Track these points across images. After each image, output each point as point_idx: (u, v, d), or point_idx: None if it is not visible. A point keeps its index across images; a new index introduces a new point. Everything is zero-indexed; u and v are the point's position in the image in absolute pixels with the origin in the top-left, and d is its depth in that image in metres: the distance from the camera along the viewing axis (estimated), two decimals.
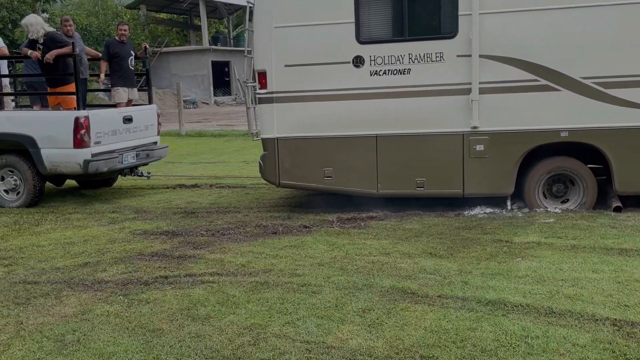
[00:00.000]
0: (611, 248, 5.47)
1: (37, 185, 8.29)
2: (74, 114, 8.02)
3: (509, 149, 6.87)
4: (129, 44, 9.35)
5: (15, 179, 8.34)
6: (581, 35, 6.56)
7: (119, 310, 4.47)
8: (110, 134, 8.41)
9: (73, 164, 8.05)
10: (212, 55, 33.76)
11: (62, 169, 8.21)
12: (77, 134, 7.92)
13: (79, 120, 7.91)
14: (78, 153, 7.96)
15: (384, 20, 7.16)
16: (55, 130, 8.08)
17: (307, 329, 4.02)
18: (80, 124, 7.91)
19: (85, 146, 7.99)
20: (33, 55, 8.35)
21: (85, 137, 7.95)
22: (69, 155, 8.01)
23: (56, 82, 8.71)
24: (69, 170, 8.27)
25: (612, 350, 3.56)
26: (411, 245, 5.91)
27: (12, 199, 8.37)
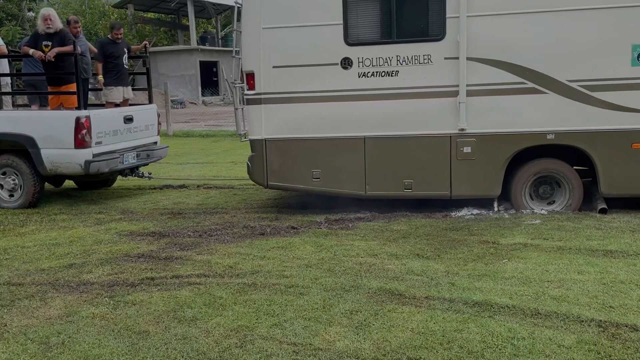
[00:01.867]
0: (596, 250, 5.52)
1: (36, 186, 8.19)
2: (75, 114, 7.93)
3: (496, 151, 6.91)
4: (123, 43, 9.31)
5: (15, 180, 8.23)
6: (567, 38, 6.61)
7: (104, 312, 4.43)
8: (111, 134, 8.34)
9: (74, 164, 7.96)
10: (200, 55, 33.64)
11: (62, 169, 8.12)
12: (78, 134, 7.83)
13: (80, 120, 7.83)
14: (79, 153, 7.88)
15: (372, 22, 7.17)
16: (56, 130, 7.99)
17: (295, 330, 4.01)
18: (81, 124, 7.82)
19: (86, 146, 7.91)
20: (37, 55, 8.25)
21: (86, 138, 7.88)
22: (70, 156, 7.92)
23: (58, 82, 8.59)
24: (69, 171, 8.18)
25: (597, 352, 3.59)
26: (399, 246, 5.92)
27: (10, 199, 8.26)
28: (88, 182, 9.56)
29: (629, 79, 6.53)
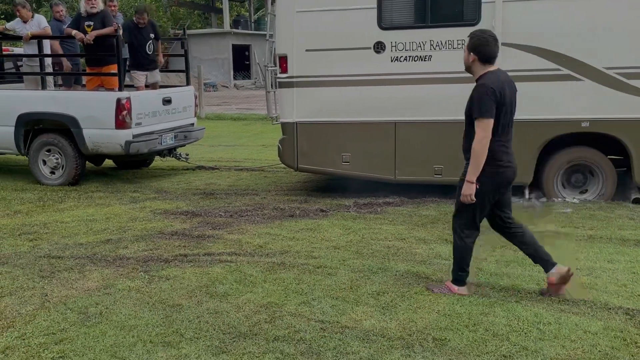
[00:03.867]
0: (628, 239, 5.47)
1: (78, 164, 8.40)
2: (116, 95, 8.10)
3: (529, 138, 6.84)
4: (148, 28, 9.18)
5: (58, 159, 8.47)
6: (605, 25, 6.50)
7: (139, 286, 4.59)
8: (150, 115, 8.49)
9: (114, 144, 8.14)
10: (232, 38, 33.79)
11: (103, 149, 8.32)
12: (119, 115, 8.01)
13: (121, 102, 8.00)
14: (119, 134, 8.05)
15: (406, 6, 7.15)
16: (97, 111, 8.16)
17: (322, 309, 4.10)
18: (122, 105, 8.00)
19: (126, 127, 8.08)
20: (79, 37, 8.46)
21: (127, 118, 8.05)
22: (111, 136, 8.10)
23: (99, 62, 8.77)
24: (110, 151, 8.38)
25: (623, 338, 3.60)
26: (427, 231, 5.96)
27: (52, 177, 8.52)
28: (127, 162, 9.79)
29: None
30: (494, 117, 3.99)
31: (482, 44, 4.09)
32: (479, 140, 4.00)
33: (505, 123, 4.09)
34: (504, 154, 4.12)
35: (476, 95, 4.06)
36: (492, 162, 4.06)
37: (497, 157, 4.08)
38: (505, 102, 4.04)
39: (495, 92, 3.98)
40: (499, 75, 4.10)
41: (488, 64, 4.12)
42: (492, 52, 4.10)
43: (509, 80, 4.16)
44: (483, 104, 3.98)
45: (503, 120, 4.06)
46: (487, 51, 4.09)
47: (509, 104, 4.07)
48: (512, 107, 4.14)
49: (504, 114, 4.05)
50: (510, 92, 4.12)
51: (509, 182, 4.22)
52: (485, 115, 3.98)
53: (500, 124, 4.06)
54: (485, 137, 3.99)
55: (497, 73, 4.12)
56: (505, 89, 4.04)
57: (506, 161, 4.13)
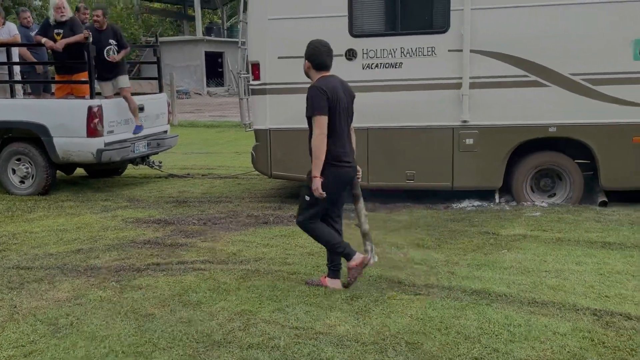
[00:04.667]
0: (595, 241, 5.60)
1: (48, 173, 8.26)
2: (87, 103, 8.00)
3: (498, 143, 6.97)
4: (108, 33, 8.49)
5: (28, 168, 8.31)
6: (570, 32, 6.66)
7: (111, 296, 4.54)
8: (122, 123, 8.40)
9: (86, 152, 8.03)
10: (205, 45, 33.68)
11: (74, 157, 8.19)
12: (91, 123, 7.90)
13: (93, 109, 7.90)
14: (91, 142, 7.95)
15: (377, 14, 7.23)
16: (68, 119, 8.04)
17: (296, 315, 4.11)
18: (93, 113, 7.90)
19: (98, 135, 7.97)
20: (49, 45, 8.32)
21: (98, 126, 7.95)
22: (82, 144, 7.99)
23: (69, 70, 8.60)
24: (81, 159, 8.26)
25: (591, 339, 3.68)
26: (400, 236, 6.00)
27: (21, 186, 8.36)
28: (99, 171, 9.67)
29: (630, 73, 6.58)
30: (327, 114, 4.22)
31: (315, 53, 4.36)
32: (316, 136, 4.24)
33: (340, 125, 4.32)
34: (342, 154, 4.36)
35: (308, 95, 4.30)
36: (333, 162, 4.31)
37: (337, 157, 4.34)
38: (339, 105, 4.28)
39: (327, 92, 4.22)
40: (332, 80, 4.35)
41: (322, 70, 4.39)
42: (324, 61, 4.37)
43: (345, 86, 4.44)
44: (315, 102, 4.23)
45: (337, 122, 4.29)
46: (319, 60, 4.36)
47: (343, 108, 4.32)
48: (347, 111, 4.39)
49: (338, 117, 4.29)
50: (346, 97, 4.37)
51: (350, 181, 4.49)
52: (318, 112, 4.22)
53: (334, 125, 4.28)
54: (322, 133, 4.22)
55: (331, 78, 4.37)
56: (338, 93, 4.28)
57: (345, 161, 4.38)
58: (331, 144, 4.27)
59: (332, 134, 4.27)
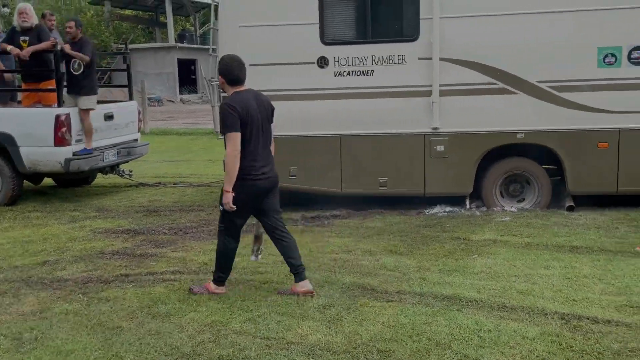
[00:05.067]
0: (563, 246, 5.68)
1: (15, 184, 8.07)
2: (55, 111, 7.85)
3: (468, 150, 7.04)
4: (78, 45, 8.13)
5: None
6: (536, 41, 6.77)
7: (78, 309, 4.45)
8: None
9: (54, 162, 7.88)
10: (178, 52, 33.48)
11: (42, 167, 8.03)
12: (58, 132, 7.75)
13: (60, 118, 7.76)
14: (59, 151, 7.80)
15: (348, 22, 7.27)
16: (35, 128, 7.88)
17: (268, 325, 4.08)
18: (61, 122, 7.75)
19: (66, 144, 7.83)
20: (14, 52, 8.13)
21: (66, 135, 7.80)
22: (50, 154, 7.83)
23: (37, 78, 8.41)
24: (49, 169, 8.10)
25: (559, 343, 3.72)
26: (373, 243, 6.03)
27: None
28: (67, 180, 9.50)
29: (594, 80, 6.72)
30: (239, 131, 4.31)
31: (227, 69, 4.45)
32: (228, 154, 4.35)
33: (252, 139, 4.40)
34: (253, 167, 4.43)
35: (220, 113, 4.42)
36: (242, 175, 4.38)
37: (248, 170, 4.40)
38: (251, 120, 4.35)
39: (237, 109, 4.30)
40: (245, 95, 4.43)
41: (236, 85, 4.46)
42: (236, 76, 4.44)
43: (261, 99, 4.51)
44: (226, 120, 4.32)
45: (249, 136, 4.37)
46: (232, 75, 4.44)
47: (256, 121, 4.39)
48: (262, 124, 4.46)
49: (250, 131, 4.37)
50: (261, 110, 4.45)
51: (264, 191, 4.55)
52: (229, 130, 4.31)
53: (248, 139, 4.37)
54: (234, 150, 4.32)
55: (244, 93, 4.45)
56: (250, 108, 4.36)
57: (257, 174, 4.46)
58: (242, 158, 4.37)
59: (243, 148, 4.37)
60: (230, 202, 4.36)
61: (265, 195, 4.57)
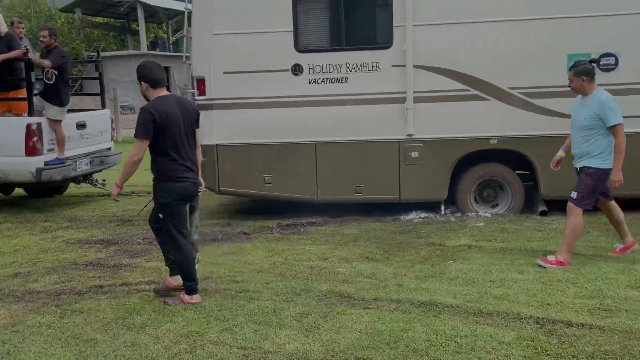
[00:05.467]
0: (536, 250, 5.76)
1: None
2: (26, 121, 7.71)
3: (442, 156, 7.11)
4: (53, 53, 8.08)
5: None
6: (508, 48, 6.88)
7: (51, 321, 4.37)
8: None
9: (25, 172, 7.74)
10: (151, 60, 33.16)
11: (12, 177, 7.87)
12: (29, 142, 7.62)
13: (31, 127, 7.62)
14: (30, 161, 7.67)
15: (322, 30, 7.30)
16: (6, 138, 7.73)
17: (245, 335, 4.05)
18: (32, 131, 7.61)
19: (37, 154, 7.70)
20: None
21: (37, 145, 7.66)
22: (20, 164, 7.68)
23: (6, 87, 8.23)
24: (20, 179, 7.95)
25: (535, 347, 3.76)
26: (349, 250, 6.03)
27: None
28: (39, 190, 9.32)
29: (565, 86, 6.81)
30: (149, 138, 4.41)
31: (148, 71, 4.53)
32: (131, 156, 4.45)
33: (173, 144, 4.48)
34: (178, 170, 4.52)
35: (138, 117, 4.47)
36: (169, 178, 4.50)
37: (172, 174, 4.51)
38: (172, 124, 4.44)
39: (154, 115, 4.38)
40: (167, 100, 4.51)
41: (158, 88, 4.54)
42: (157, 76, 4.54)
43: (184, 105, 4.62)
44: (139, 126, 4.41)
45: (171, 140, 4.46)
46: (153, 76, 4.52)
47: (177, 127, 4.48)
48: (185, 129, 4.54)
49: (171, 136, 4.46)
50: (183, 115, 4.54)
51: (191, 195, 4.65)
52: (138, 136, 4.42)
53: (170, 144, 4.46)
54: (137, 155, 4.42)
55: (166, 98, 4.53)
56: (171, 112, 4.44)
57: (182, 177, 4.54)
58: (164, 162, 4.47)
59: (164, 153, 4.46)
60: (115, 194, 4.59)
61: (191, 199, 4.66)
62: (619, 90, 6.76)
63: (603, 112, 5.13)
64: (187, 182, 4.56)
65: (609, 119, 5.11)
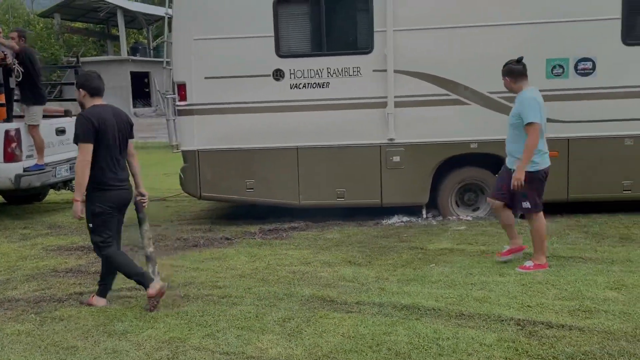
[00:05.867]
0: None
1: None
2: (4, 127, 7.61)
3: (424, 160, 7.16)
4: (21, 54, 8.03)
5: None
6: (487, 52, 6.96)
7: (30, 329, 4.31)
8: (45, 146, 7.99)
9: (4, 178, 7.64)
10: (131, 65, 32.96)
11: None
12: (8, 148, 7.53)
13: (10, 133, 7.52)
14: (9, 167, 7.59)
15: (303, 35, 7.31)
16: None
17: (227, 340, 4.03)
18: (10, 137, 7.52)
19: (16, 160, 7.61)
20: None
21: (16, 151, 7.57)
22: None
23: None
24: None
25: (516, 349, 3.79)
26: (331, 254, 6.04)
27: None
28: (18, 197, 9.19)
29: (543, 90, 6.85)
30: (92, 142, 4.47)
31: (87, 80, 4.67)
32: (79, 162, 4.50)
33: (108, 152, 4.57)
34: (113, 178, 4.60)
35: (76, 123, 4.57)
36: (100, 186, 4.55)
37: (104, 181, 4.56)
38: (107, 133, 4.53)
39: (92, 121, 4.48)
40: (103, 109, 4.62)
41: (96, 97, 4.66)
42: (97, 85, 4.66)
43: (120, 115, 4.73)
44: (80, 130, 4.49)
45: (106, 148, 4.55)
46: (93, 85, 4.65)
47: (113, 135, 4.58)
48: (119, 138, 4.64)
49: (106, 144, 4.54)
50: (119, 124, 4.64)
51: (126, 202, 4.73)
52: (82, 140, 4.48)
53: (105, 152, 4.55)
54: (84, 160, 4.46)
55: (102, 107, 4.65)
56: (106, 121, 4.55)
57: (119, 185, 4.63)
58: (98, 169, 4.51)
59: (99, 161, 4.51)
60: (79, 212, 4.49)
61: (125, 207, 4.73)
62: (596, 94, 6.92)
63: (522, 109, 5.13)
64: (120, 189, 4.64)
65: (524, 116, 5.09)
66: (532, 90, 5.25)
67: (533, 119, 5.06)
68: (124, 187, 4.67)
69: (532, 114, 5.07)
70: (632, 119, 6.91)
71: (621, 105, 6.90)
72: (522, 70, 5.28)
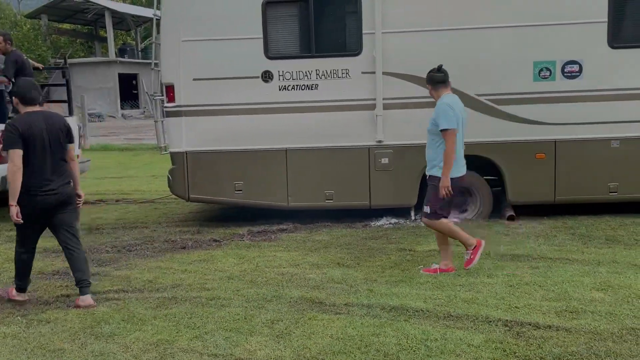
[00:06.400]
0: (504, 254, 5.84)
1: None
2: None
3: (412, 162, 7.17)
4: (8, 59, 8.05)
5: None
6: (475, 55, 7.00)
7: (16, 332, 4.27)
8: None
9: None
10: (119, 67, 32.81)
11: None
12: None
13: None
14: None
15: (292, 37, 7.31)
16: None
17: (215, 342, 4.02)
18: None
19: (2, 162, 7.50)
20: None
21: (2, 152, 7.47)
22: None
23: None
24: None
25: (503, 349, 3.81)
26: (320, 256, 6.04)
27: None
28: (4, 199, 9.08)
29: (531, 93, 7.00)
30: (20, 147, 4.59)
31: (23, 89, 4.82)
32: (9, 169, 4.61)
33: (36, 158, 4.67)
34: (38, 184, 4.68)
35: (4, 131, 4.69)
36: (26, 192, 4.64)
37: (33, 187, 4.66)
38: (35, 139, 4.64)
39: (19, 129, 4.60)
40: (33, 116, 4.73)
41: (30, 105, 4.78)
42: (31, 94, 4.79)
43: (52, 120, 4.80)
44: (7, 139, 4.60)
45: (34, 154, 4.65)
46: (28, 94, 4.78)
47: (41, 141, 4.67)
48: (51, 142, 4.72)
49: (34, 150, 4.65)
50: (50, 130, 4.72)
51: (51, 207, 4.77)
52: (8, 147, 4.59)
53: (33, 157, 4.65)
54: (14, 166, 4.58)
55: (33, 114, 4.74)
56: (35, 127, 4.65)
57: (44, 190, 4.70)
58: (25, 174, 4.59)
59: (28, 165, 4.61)
60: (14, 215, 4.58)
61: (53, 210, 4.77)
62: (583, 97, 6.98)
63: (436, 115, 5.16)
64: (48, 195, 4.70)
65: (438, 122, 5.12)
66: (449, 96, 5.28)
67: (446, 125, 5.08)
68: (53, 193, 4.71)
69: (444, 120, 5.09)
70: (619, 122, 6.98)
71: (608, 108, 6.96)
72: (441, 78, 5.31)
